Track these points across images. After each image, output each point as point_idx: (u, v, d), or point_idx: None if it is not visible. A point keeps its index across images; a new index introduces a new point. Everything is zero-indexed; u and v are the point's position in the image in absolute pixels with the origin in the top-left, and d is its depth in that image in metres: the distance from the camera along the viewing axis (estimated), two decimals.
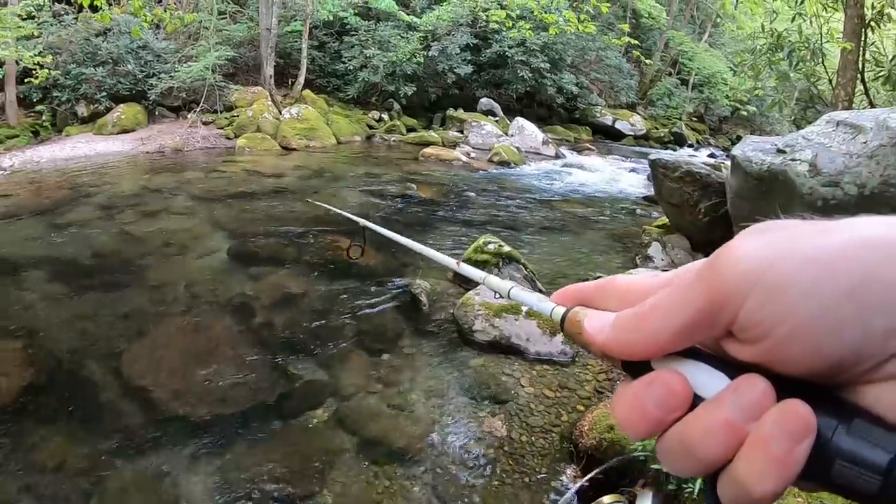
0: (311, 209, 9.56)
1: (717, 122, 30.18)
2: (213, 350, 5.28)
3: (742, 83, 21.33)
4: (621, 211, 11.50)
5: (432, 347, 5.55)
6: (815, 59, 11.85)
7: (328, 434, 4.32)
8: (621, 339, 0.46)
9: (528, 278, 6.64)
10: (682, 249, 7.73)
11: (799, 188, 5.64)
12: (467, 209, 10.58)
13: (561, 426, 4.63)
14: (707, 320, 0.42)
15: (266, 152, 15.01)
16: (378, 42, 19.60)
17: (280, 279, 6.77)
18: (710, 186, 7.39)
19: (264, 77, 17.58)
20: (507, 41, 20.69)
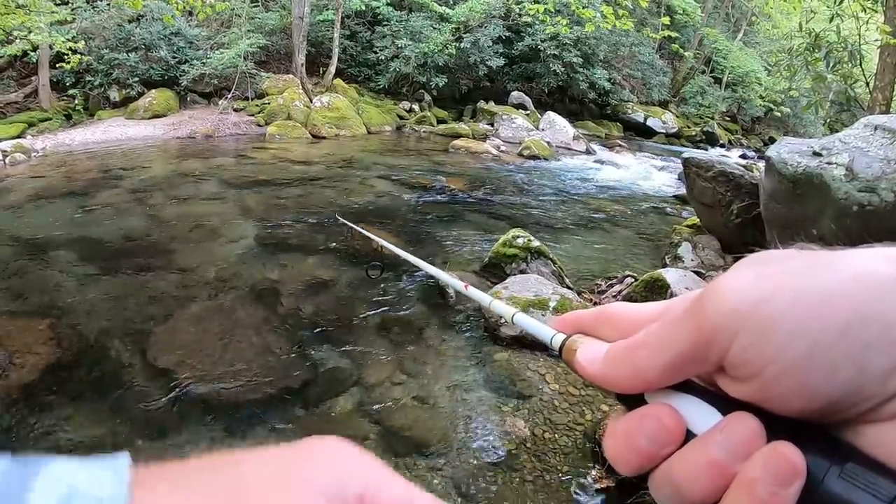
0: (336, 195, 9.59)
1: (749, 123, 30.00)
2: (238, 335, 5.29)
3: (777, 83, 21.18)
4: (651, 209, 11.41)
5: (457, 341, 5.53)
6: (852, 61, 11.67)
7: (350, 422, 4.31)
8: (611, 372, 0.46)
9: (556, 274, 6.59)
10: (713, 250, 7.65)
11: (834, 192, 5.54)
12: (496, 202, 10.54)
13: (584, 425, 4.59)
14: (696, 357, 0.41)
15: (296, 140, 15.09)
16: (410, 33, 19.63)
17: (307, 267, 6.78)
18: (743, 187, 7.29)
19: (296, 65, 17.65)
20: (539, 34, 20.65)
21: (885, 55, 10.33)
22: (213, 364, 4.80)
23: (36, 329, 5.18)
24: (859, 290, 0.36)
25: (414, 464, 3.96)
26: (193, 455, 0.43)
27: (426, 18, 20.02)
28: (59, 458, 0.35)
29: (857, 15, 11.75)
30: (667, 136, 23.99)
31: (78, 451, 3.82)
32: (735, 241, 7.45)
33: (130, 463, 0.38)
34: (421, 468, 3.92)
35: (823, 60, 11.69)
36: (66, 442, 3.92)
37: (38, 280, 6.17)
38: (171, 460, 0.42)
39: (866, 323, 0.36)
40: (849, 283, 0.37)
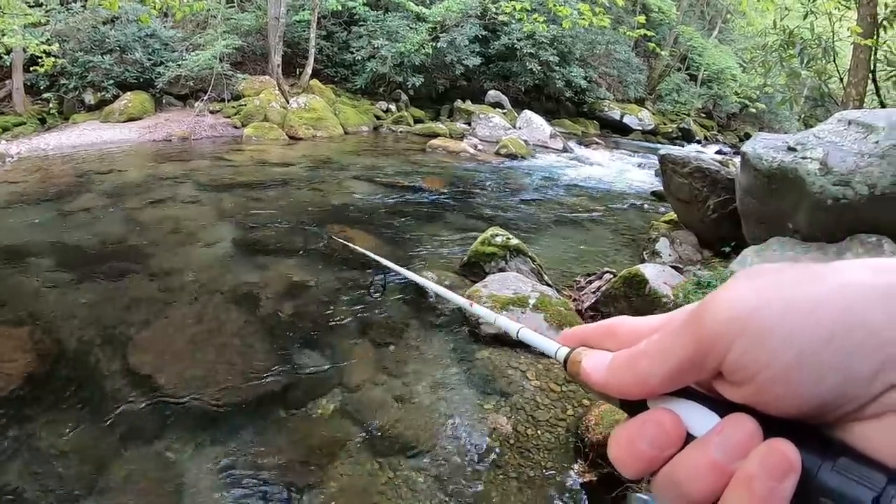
0: (314, 197, 9.57)
1: (725, 119, 30.27)
2: (219, 339, 5.26)
3: (752, 80, 21.38)
4: (629, 206, 11.48)
5: (438, 340, 5.53)
6: (826, 58, 11.85)
7: (333, 424, 4.29)
8: (615, 379, 0.48)
9: (535, 271, 6.61)
10: (690, 245, 7.72)
11: (809, 187, 5.62)
12: (474, 201, 10.56)
13: (567, 420, 4.61)
14: (695, 365, 0.43)
15: (273, 141, 15.03)
16: (386, 32, 19.62)
17: (286, 269, 6.75)
18: (720, 183, 7.37)
19: (272, 66, 17.58)
20: (516, 33, 20.74)
21: (859, 51, 10.46)
22: (194, 369, 4.77)
23: (13, 336, 5.13)
24: (844, 300, 0.39)
25: (398, 464, 3.95)
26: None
27: (402, 18, 20.01)
28: None
29: (830, 12, 11.87)
30: (643, 133, 24.18)
31: (58, 459, 3.80)
32: (712, 236, 7.53)
33: None
34: (405, 468, 3.92)
35: (797, 57, 11.86)
36: (46, 450, 3.89)
37: (14, 286, 6.10)
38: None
39: (851, 330, 0.38)
40: (835, 293, 0.39)
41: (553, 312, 5.65)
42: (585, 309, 6.24)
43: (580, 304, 6.32)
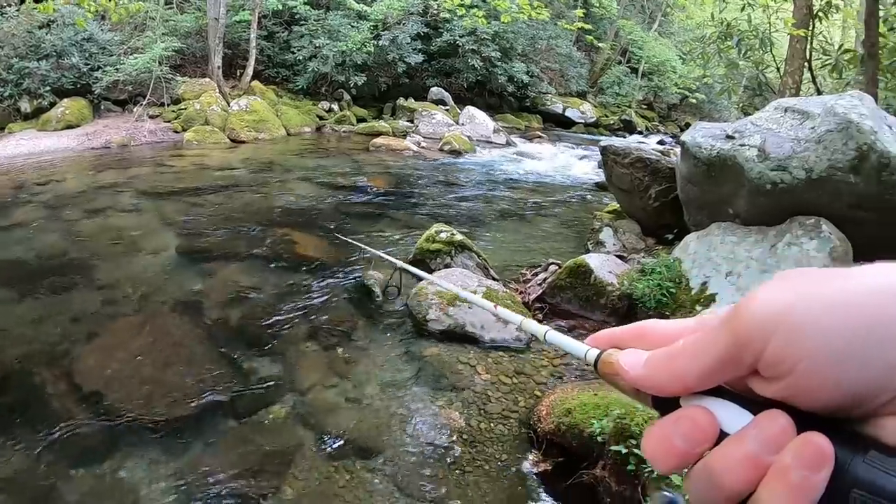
0: (258, 200, 9.48)
1: (665, 110, 30.69)
2: (166, 350, 5.17)
3: (691, 71, 21.79)
4: (573, 197, 11.59)
5: (387, 338, 5.53)
6: (763, 48, 12.16)
7: (286, 430, 4.27)
8: (653, 375, 0.50)
9: (481, 266, 6.65)
10: (633, 234, 7.84)
11: (748, 173, 5.73)
12: (419, 199, 10.57)
13: (519, 412, 4.65)
14: (733, 360, 0.45)
15: (214, 145, 14.85)
16: (328, 31, 19.46)
17: (231, 275, 6.67)
18: (660, 172, 7.48)
19: (212, 68, 17.38)
20: (457, 30, 20.75)
21: (795, 41, 10.73)
22: (142, 383, 4.68)
23: None
24: (879, 295, 0.41)
25: (354, 466, 3.94)
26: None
27: (344, 17, 19.86)
28: None
29: (767, 4, 12.14)
30: (585, 125, 24.48)
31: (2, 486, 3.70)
32: (654, 224, 7.65)
33: None
34: (360, 470, 3.91)
35: (735, 48, 12.12)
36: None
37: None
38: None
39: (886, 324, 0.40)
40: (869, 290, 0.41)
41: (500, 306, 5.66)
42: (532, 301, 6.28)
43: (527, 297, 6.36)
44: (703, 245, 6.13)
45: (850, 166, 5.24)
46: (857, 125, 5.25)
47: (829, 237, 5.34)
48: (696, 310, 5.64)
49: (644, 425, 3.60)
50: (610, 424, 3.78)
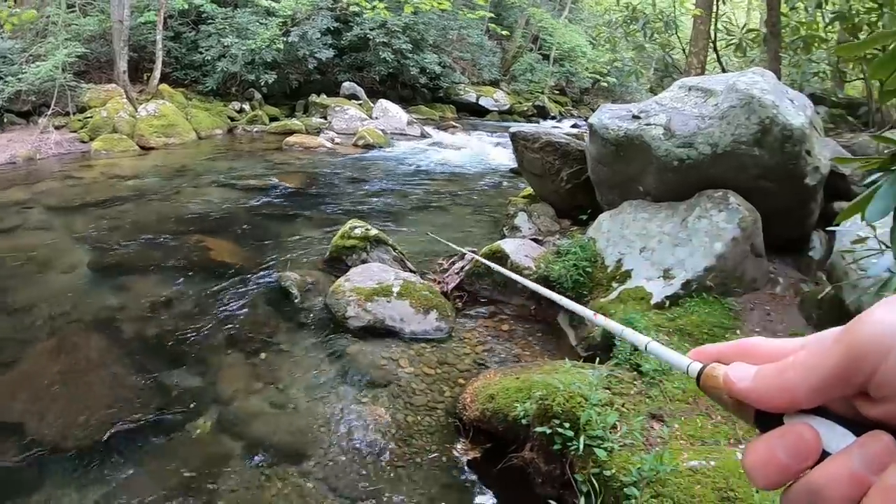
0: (171, 208, 9.29)
1: (578, 94, 31.16)
2: (84, 373, 5.01)
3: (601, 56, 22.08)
4: (488, 185, 11.71)
5: (308, 339, 5.51)
6: (668, 30, 12.47)
7: (214, 442, 4.21)
8: (762, 389, 0.50)
9: (397, 259, 6.67)
10: (548, 217, 7.96)
11: (655, 151, 5.87)
12: (334, 196, 10.51)
13: (445, 402, 4.70)
14: (844, 378, 0.45)
15: (123, 154, 14.44)
16: (236, 29, 19.10)
17: (147, 288, 6.51)
18: (571, 155, 7.60)
19: (118, 73, 16.88)
20: (368, 23, 20.66)
21: (699, 22, 11.02)
22: (62, 409, 4.52)
23: None
24: None
25: (284, 472, 3.92)
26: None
27: (252, 14, 19.50)
28: None
29: None
30: (499, 113, 24.69)
31: None
32: (568, 206, 7.78)
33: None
34: (292, 475, 3.89)
35: (641, 31, 12.36)
36: None
37: None
38: None
39: None
40: None
41: (418, 297, 5.70)
42: (451, 290, 6.31)
43: (445, 287, 6.39)
44: (616, 223, 6.25)
45: (753, 139, 5.42)
46: (758, 100, 5.42)
47: (737, 208, 5.49)
48: (612, 286, 5.74)
49: (565, 405, 3.65)
50: (533, 406, 3.82)
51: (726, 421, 3.90)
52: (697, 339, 4.87)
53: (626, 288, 5.60)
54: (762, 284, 5.71)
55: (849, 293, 4.60)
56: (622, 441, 3.50)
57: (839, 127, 9.84)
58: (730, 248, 5.37)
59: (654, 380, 4.25)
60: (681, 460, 3.31)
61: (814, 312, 5.21)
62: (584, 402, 3.66)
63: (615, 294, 5.62)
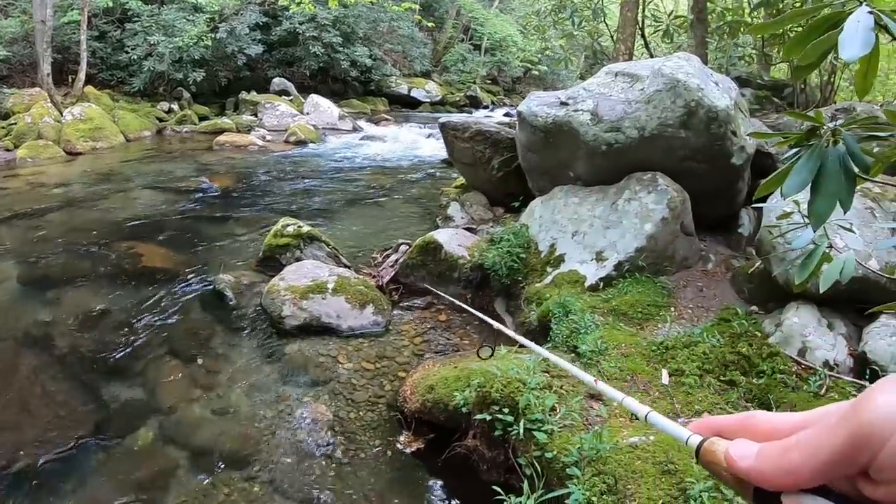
0: (101, 215, 9.08)
1: (510, 83, 31.43)
2: (18, 391, 4.82)
3: (532, 45, 22.30)
4: (421, 176, 11.74)
5: (245, 342, 5.46)
6: (597, 18, 12.68)
7: (157, 454, 4.13)
8: (765, 468, 0.50)
9: (331, 255, 6.64)
10: (481, 206, 8.03)
11: (583, 136, 5.94)
12: (266, 194, 10.41)
13: (385, 396, 4.72)
14: (848, 458, 0.45)
15: (50, 160, 14.00)
16: (163, 27, 18.70)
17: (78, 299, 6.33)
18: (501, 143, 7.66)
19: (41, 76, 16.39)
20: (297, 17, 20.47)
21: (626, 10, 11.20)
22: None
23: None
24: None
25: (229, 478, 3.88)
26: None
27: (179, 10, 19.11)
28: None
29: None
30: (432, 104, 24.82)
31: None
32: (500, 194, 7.86)
33: None
34: (238, 480, 3.86)
35: (570, 20, 12.52)
36: None
37: None
38: None
39: None
40: None
41: (353, 293, 5.69)
42: (386, 283, 6.32)
43: (380, 280, 6.40)
44: (548, 209, 6.31)
45: (679, 122, 5.53)
46: (684, 83, 5.53)
47: (665, 189, 5.58)
48: (546, 271, 5.79)
49: (503, 391, 3.68)
50: (472, 394, 3.85)
51: (664, 396, 3.99)
52: (632, 318, 4.96)
53: (560, 272, 5.67)
54: (694, 262, 5.82)
55: (776, 265, 4.72)
56: (562, 422, 3.54)
57: (765, 108, 10.10)
58: (660, 229, 5.46)
59: (591, 360, 4.32)
60: (620, 437, 3.37)
61: (745, 287, 5.33)
62: (522, 386, 3.69)
63: (549, 279, 5.68)
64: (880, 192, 4.91)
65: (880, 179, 4.11)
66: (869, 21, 1.32)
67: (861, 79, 1.61)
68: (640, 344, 4.58)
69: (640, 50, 13.23)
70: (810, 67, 1.67)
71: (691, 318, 5.04)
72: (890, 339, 4.19)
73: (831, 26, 1.45)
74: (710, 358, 4.24)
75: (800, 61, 1.59)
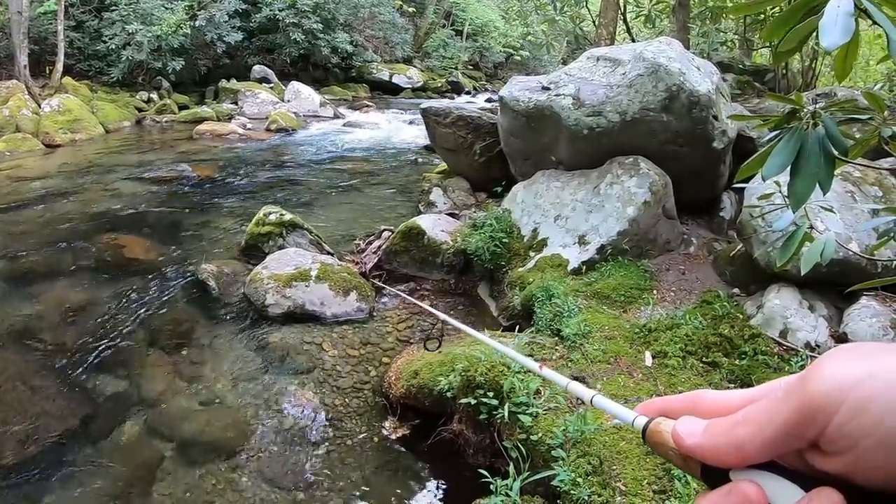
0: (81, 208, 9.00)
1: (492, 69, 31.38)
2: (1, 385, 4.80)
3: (513, 30, 22.29)
4: (403, 163, 11.71)
5: (230, 332, 5.43)
6: (579, 3, 12.70)
7: (143, 447, 4.12)
8: (711, 444, 0.50)
9: (314, 243, 6.63)
10: (463, 191, 8.05)
11: (565, 121, 5.96)
12: (248, 182, 10.35)
13: (370, 382, 4.73)
14: (797, 432, 0.45)
15: (29, 153, 13.85)
16: (141, 15, 18.42)
17: (62, 293, 6.26)
18: (483, 128, 7.66)
19: (18, 68, 16.17)
20: (277, 4, 20.34)
21: None
22: None
23: None
24: None
25: (217, 469, 3.89)
26: None
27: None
28: None
29: None
30: (413, 90, 24.68)
31: None
32: (482, 179, 7.88)
33: None
34: (226, 472, 3.86)
35: (551, 4, 12.52)
36: None
37: None
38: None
39: None
40: None
41: (337, 280, 5.69)
42: (370, 270, 6.31)
43: (363, 267, 6.40)
44: (530, 193, 6.33)
45: (661, 106, 5.57)
46: (665, 68, 5.56)
47: (647, 173, 5.61)
48: (529, 256, 5.82)
49: (488, 375, 3.70)
50: (457, 379, 3.87)
51: (647, 378, 4.02)
52: (615, 300, 4.99)
53: (543, 256, 5.69)
54: (676, 245, 5.86)
55: (757, 247, 4.75)
56: (546, 405, 3.57)
57: (746, 93, 10.15)
58: (642, 212, 5.49)
59: (574, 343, 4.34)
60: (605, 419, 3.39)
61: (727, 269, 5.37)
62: (506, 370, 3.72)
63: (532, 263, 5.70)
64: (861, 175, 4.96)
65: (860, 162, 4.15)
66: (849, 6, 1.32)
67: (840, 63, 1.62)
68: (624, 327, 4.62)
69: (622, 35, 13.26)
70: (790, 52, 1.68)
71: (674, 301, 5.08)
72: (870, 321, 4.25)
73: (811, 10, 1.45)
74: (692, 340, 4.28)
75: (780, 47, 1.59)
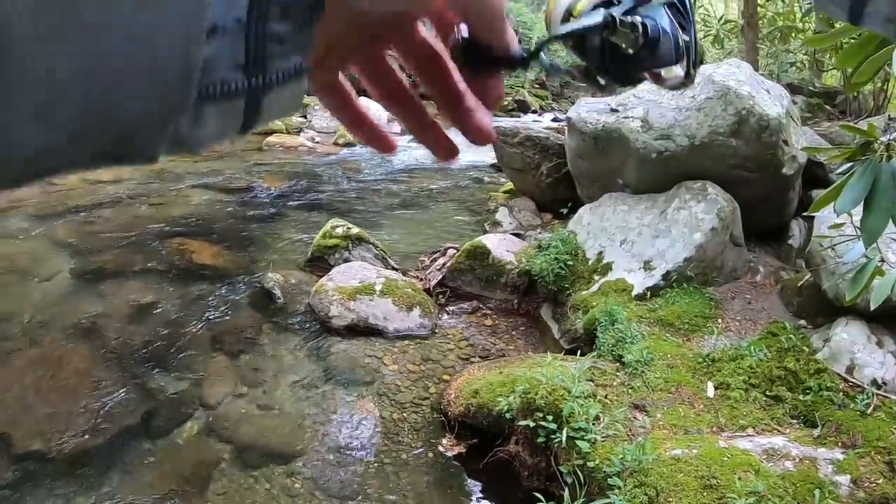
0: (152, 212, 9.21)
1: (558, 88, 31.15)
2: (68, 380, 4.91)
3: None
4: (470, 181, 11.68)
5: (292, 340, 5.48)
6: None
7: (200, 447, 4.19)
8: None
9: (379, 257, 6.66)
10: (529, 211, 8.02)
11: (633, 143, 5.92)
12: (315, 195, 10.43)
13: (430, 398, 4.71)
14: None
15: None
16: None
17: (129, 292, 6.41)
18: (550, 149, 7.64)
19: None
20: None
21: None
22: (48, 416, 4.45)
23: None
24: None
25: (272, 473, 3.92)
26: None
27: None
28: None
29: None
30: None
31: None
32: (549, 200, 7.83)
33: None
34: (280, 476, 3.89)
35: None
36: None
37: None
38: None
39: None
40: None
41: (400, 295, 5.70)
42: (433, 287, 6.32)
43: (427, 283, 6.40)
44: (597, 216, 6.28)
45: (730, 130, 5.49)
46: (735, 91, 5.49)
47: (715, 199, 5.53)
48: (593, 279, 5.76)
49: (548, 398, 3.69)
50: (517, 400, 3.85)
51: (708, 409, 3.95)
52: (678, 328, 4.91)
53: (608, 280, 5.63)
54: (742, 273, 5.75)
55: (826, 278, 4.63)
56: (605, 432, 3.54)
57: (817, 116, 9.94)
58: (709, 239, 5.41)
59: (636, 370, 4.29)
60: (663, 449, 3.35)
61: (794, 300, 5.25)
62: (566, 394, 3.69)
63: (596, 287, 5.64)
64: None
65: None
66: None
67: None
68: (686, 355, 4.54)
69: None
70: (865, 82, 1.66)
71: (738, 331, 4.98)
72: None
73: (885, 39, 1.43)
74: (756, 372, 4.19)
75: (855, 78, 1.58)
